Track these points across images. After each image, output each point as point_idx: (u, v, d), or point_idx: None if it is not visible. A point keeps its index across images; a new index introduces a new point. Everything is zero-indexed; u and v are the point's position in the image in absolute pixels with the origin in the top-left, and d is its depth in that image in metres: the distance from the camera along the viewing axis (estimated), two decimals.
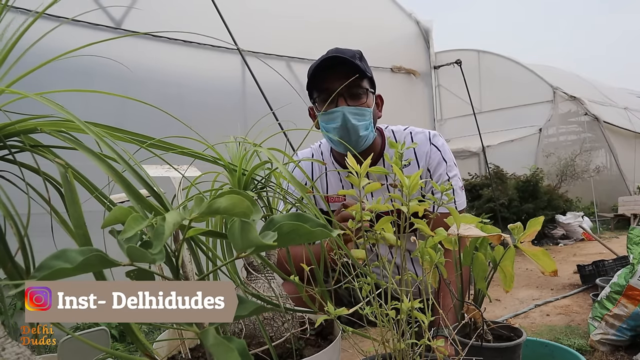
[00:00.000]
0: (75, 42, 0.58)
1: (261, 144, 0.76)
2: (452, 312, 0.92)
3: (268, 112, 2.66)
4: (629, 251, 1.66)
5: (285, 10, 3.72)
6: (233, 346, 0.37)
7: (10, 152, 0.53)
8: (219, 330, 0.55)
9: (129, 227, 0.40)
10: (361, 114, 1.39)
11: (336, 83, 1.36)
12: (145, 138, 0.60)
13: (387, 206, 0.73)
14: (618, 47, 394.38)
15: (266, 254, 0.81)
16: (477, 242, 0.85)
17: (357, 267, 0.74)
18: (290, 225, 0.42)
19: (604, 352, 1.58)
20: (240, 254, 0.44)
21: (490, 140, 6.77)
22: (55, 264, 0.36)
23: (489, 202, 5.28)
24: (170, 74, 3.06)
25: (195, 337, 0.76)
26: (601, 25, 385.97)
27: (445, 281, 0.83)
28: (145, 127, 0.85)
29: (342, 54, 1.37)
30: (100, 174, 0.51)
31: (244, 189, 0.75)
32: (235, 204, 0.41)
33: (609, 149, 8.12)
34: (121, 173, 0.49)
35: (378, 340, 0.72)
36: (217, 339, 0.38)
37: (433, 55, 4.90)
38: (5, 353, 0.46)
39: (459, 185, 1.51)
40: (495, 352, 0.80)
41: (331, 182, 1.61)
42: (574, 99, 8.05)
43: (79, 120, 0.49)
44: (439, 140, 1.54)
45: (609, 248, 3.29)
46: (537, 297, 2.61)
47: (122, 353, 0.51)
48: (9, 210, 0.49)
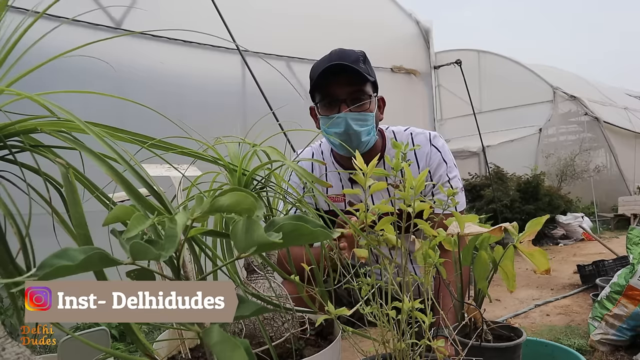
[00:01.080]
0: (75, 42, 0.58)
1: (261, 144, 0.76)
2: (452, 312, 0.92)
3: (268, 112, 2.66)
4: (629, 251, 1.66)
5: (286, 10, 3.71)
6: (239, 343, 0.37)
7: (10, 152, 0.53)
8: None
9: (132, 227, 0.40)
10: (363, 120, 1.39)
11: (339, 89, 1.36)
12: (145, 138, 0.60)
13: (390, 207, 0.72)
14: (619, 47, 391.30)
15: (266, 254, 0.81)
16: (477, 242, 0.85)
17: (358, 267, 0.74)
18: (291, 226, 0.42)
19: (604, 352, 1.58)
20: (241, 254, 0.44)
21: (490, 140, 6.76)
22: (57, 262, 0.36)
23: (491, 203, 5.27)
24: (170, 73, 3.06)
25: (195, 337, 0.76)
26: (602, 24, 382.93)
27: (445, 281, 0.83)
28: (145, 126, 0.85)
29: (345, 58, 1.35)
30: (100, 174, 0.51)
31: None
32: (240, 200, 0.41)
33: (609, 149, 8.12)
34: (121, 173, 0.49)
35: (378, 340, 0.72)
36: (222, 337, 0.38)
37: (433, 55, 4.90)
38: (5, 353, 0.46)
39: (459, 187, 1.51)
40: (495, 352, 0.80)
41: (331, 182, 1.61)
42: (574, 99, 8.04)
43: (79, 120, 0.49)
44: (439, 141, 1.54)
45: (609, 248, 3.29)
46: (537, 297, 2.60)
47: (122, 353, 0.51)
48: (9, 211, 0.49)
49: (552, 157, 7.45)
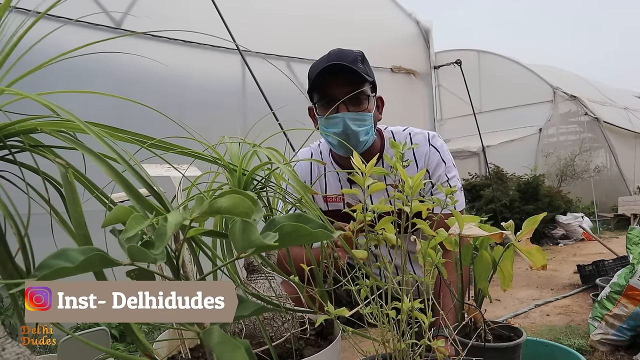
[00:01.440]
0: (75, 42, 0.58)
1: (261, 144, 0.76)
2: (452, 312, 0.92)
3: (268, 112, 2.66)
4: (629, 251, 1.66)
5: (286, 10, 3.71)
6: (239, 344, 0.37)
7: (10, 152, 0.53)
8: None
9: (130, 227, 0.40)
10: (362, 120, 1.39)
11: (337, 89, 1.36)
12: (145, 138, 0.60)
13: (389, 207, 0.73)
14: (619, 47, 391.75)
15: (266, 254, 0.81)
16: (477, 242, 0.86)
17: (359, 266, 0.74)
18: (291, 226, 0.42)
19: (604, 352, 1.58)
20: (240, 254, 0.44)
21: (490, 140, 6.76)
22: (56, 263, 0.36)
23: (490, 203, 5.27)
24: (170, 74, 3.06)
25: (195, 337, 0.76)
26: (602, 24, 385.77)
27: (446, 281, 0.83)
28: (145, 126, 0.85)
29: (343, 58, 1.35)
30: (100, 174, 0.51)
31: (244, 189, 0.75)
32: (237, 203, 0.41)
33: (609, 149, 8.12)
34: (121, 173, 0.49)
35: (378, 340, 0.72)
36: (222, 337, 0.38)
37: (433, 55, 4.90)
38: (5, 353, 0.46)
39: (458, 186, 1.51)
40: (496, 352, 0.80)
41: (330, 183, 1.61)
42: (574, 98, 8.04)
43: (79, 120, 0.49)
44: (437, 141, 1.54)
45: (609, 248, 3.29)
46: (537, 297, 2.60)
47: (122, 353, 0.51)
48: (9, 210, 0.49)
49: (552, 157, 7.45)
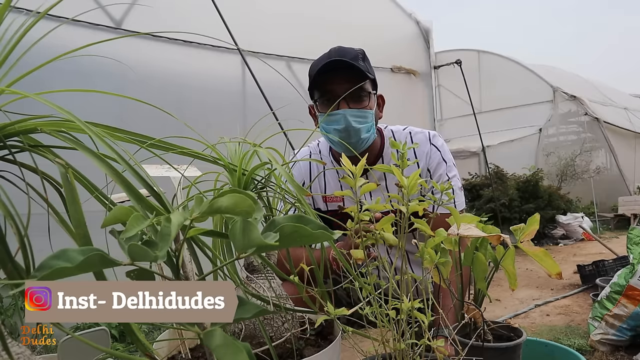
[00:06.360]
0: (75, 42, 0.58)
1: (261, 144, 0.76)
2: (452, 312, 0.92)
3: (268, 112, 2.66)
4: (629, 251, 1.66)
5: (286, 10, 3.71)
6: (241, 347, 0.37)
7: (10, 152, 0.53)
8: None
9: (130, 227, 0.40)
10: (363, 117, 1.39)
11: (338, 86, 1.36)
12: (145, 138, 0.60)
13: (384, 206, 0.72)
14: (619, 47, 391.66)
15: (266, 254, 0.81)
16: (478, 242, 0.85)
17: (359, 267, 0.74)
18: (291, 227, 0.42)
19: (604, 352, 1.58)
20: (241, 254, 0.44)
21: (490, 140, 6.76)
22: (56, 264, 0.36)
23: (490, 202, 5.27)
24: (170, 73, 3.06)
25: (195, 337, 0.76)
26: (603, 24, 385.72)
27: (446, 281, 0.82)
28: (145, 127, 0.85)
29: (344, 55, 1.35)
30: (100, 174, 0.51)
31: (244, 189, 0.75)
32: (237, 202, 0.41)
33: (609, 149, 8.11)
34: (121, 173, 0.49)
35: (378, 340, 0.72)
36: (224, 340, 0.38)
37: (433, 55, 4.90)
38: (5, 353, 0.46)
39: (458, 186, 1.51)
40: (496, 352, 0.80)
41: (329, 182, 1.60)
42: (574, 98, 8.04)
43: (79, 120, 0.49)
44: (438, 140, 1.54)
45: (609, 248, 3.29)
46: (537, 297, 2.60)
47: (122, 353, 0.51)
48: (9, 210, 0.49)
49: (552, 156, 7.45)
